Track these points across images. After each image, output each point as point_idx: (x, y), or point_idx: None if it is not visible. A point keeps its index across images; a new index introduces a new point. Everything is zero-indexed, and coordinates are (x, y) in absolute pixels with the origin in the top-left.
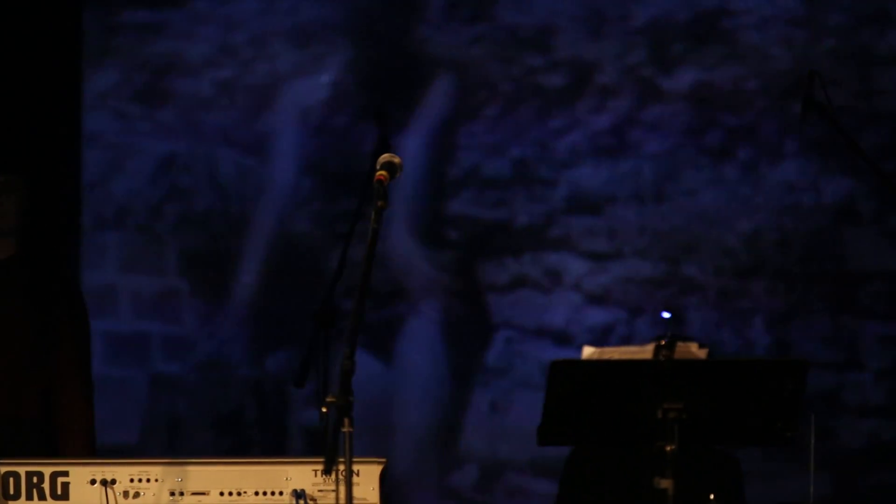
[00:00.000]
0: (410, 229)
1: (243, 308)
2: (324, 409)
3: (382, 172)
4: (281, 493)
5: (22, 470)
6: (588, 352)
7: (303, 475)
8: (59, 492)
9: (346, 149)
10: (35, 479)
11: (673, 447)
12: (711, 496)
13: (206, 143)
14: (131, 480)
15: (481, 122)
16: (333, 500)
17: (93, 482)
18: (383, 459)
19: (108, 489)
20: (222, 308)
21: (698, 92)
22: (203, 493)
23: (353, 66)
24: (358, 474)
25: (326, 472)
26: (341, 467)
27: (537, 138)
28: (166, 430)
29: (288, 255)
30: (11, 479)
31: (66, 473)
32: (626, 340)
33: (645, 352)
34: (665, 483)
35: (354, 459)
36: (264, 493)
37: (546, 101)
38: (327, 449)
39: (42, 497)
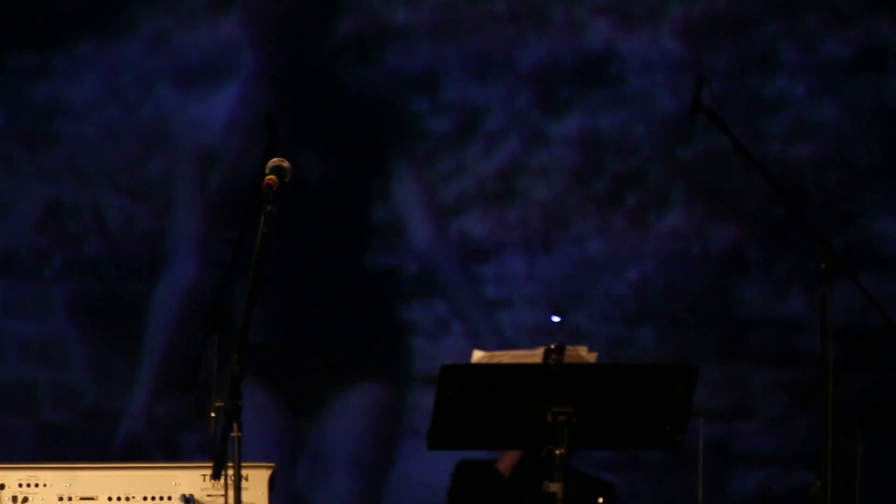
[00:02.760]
0: None
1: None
2: (213, 415)
3: (272, 177)
4: (170, 498)
5: None
6: (478, 356)
7: (191, 480)
8: None
9: (238, 183)
10: None
11: (563, 451)
12: (600, 500)
13: (92, 187)
14: (20, 485)
15: None
16: None
17: None
18: (272, 464)
19: None
20: (111, 355)
21: (585, 137)
22: (92, 499)
23: (242, 107)
24: (247, 479)
25: (215, 476)
26: (230, 472)
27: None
28: None
29: (185, 303)
30: None
31: None
32: None
33: (535, 355)
34: (555, 487)
35: (243, 464)
36: (153, 498)
37: (434, 146)
38: (216, 453)
39: None
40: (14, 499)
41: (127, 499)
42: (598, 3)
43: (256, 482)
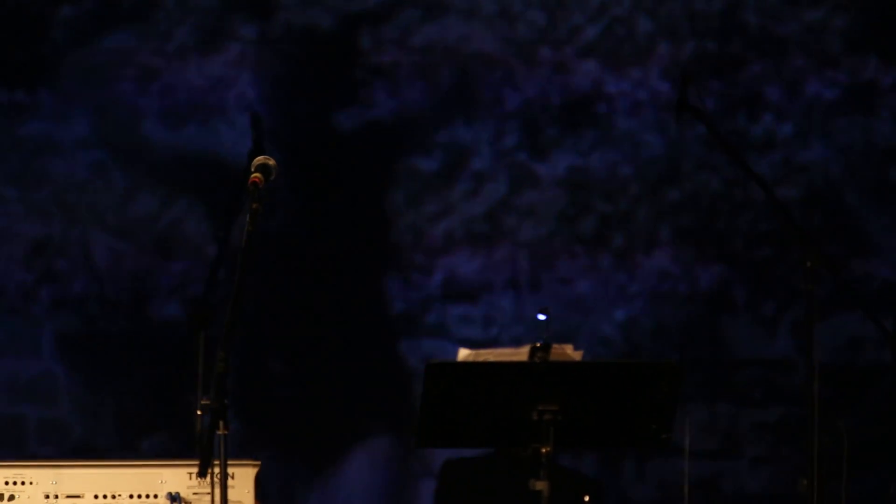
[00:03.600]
0: None
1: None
2: (199, 412)
3: (257, 175)
4: (156, 496)
5: None
6: (464, 354)
7: (178, 478)
8: None
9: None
10: None
11: (548, 449)
12: (586, 498)
13: (80, 225)
14: (6, 483)
15: None
16: (209, 503)
17: None
18: (258, 462)
19: None
20: (98, 391)
21: (573, 177)
22: (78, 496)
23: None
24: (233, 477)
25: (201, 474)
26: (216, 470)
27: (412, 224)
28: None
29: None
30: None
31: None
32: None
33: (520, 354)
34: (540, 485)
35: (229, 462)
36: (139, 496)
37: (422, 186)
38: (202, 451)
39: None
40: (0, 497)
41: (113, 497)
42: (585, 43)
43: (243, 480)
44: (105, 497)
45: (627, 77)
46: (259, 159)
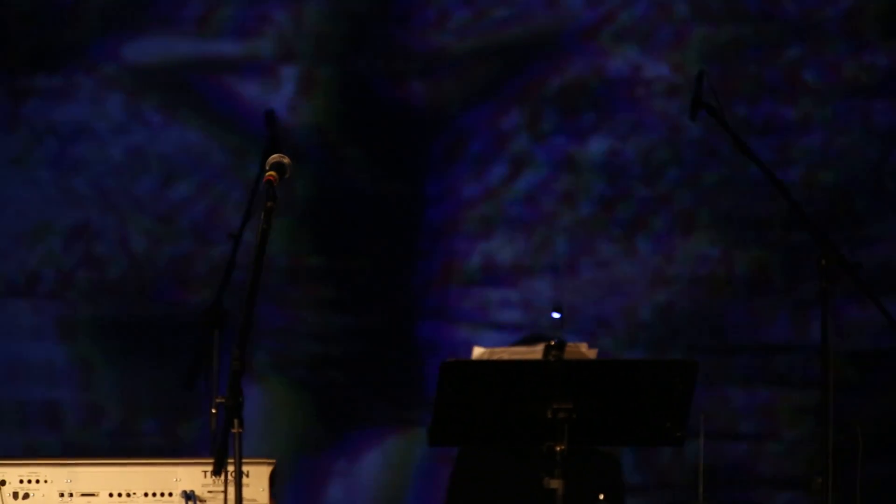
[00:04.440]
0: None
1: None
2: (213, 411)
3: (272, 173)
4: (171, 494)
5: None
6: (478, 352)
7: (192, 476)
8: None
9: None
10: None
11: (563, 447)
12: (601, 496)
13: (117, 211)
14: (21, 481)
15: None
16: (223, 501)
17: None
18: (273, 460)
19: None
20: (134, 377)
21: (611, 161)
22: (93, 495)
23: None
24: (248, 475)
25: (216, 472)
26: (231, 468)
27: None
28: None
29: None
30: None
31: None
32: None
33: (535, 352)
34: (555, 483)
35: (244, 460)
36: (154, 495)
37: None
38: (217, 450)
39: None
40: (15, 495)
41: (128, 495)
42: (621, 28)
43: (257, 478)
44: (120, 495)
45: (664, 62)
46: (274, 157)
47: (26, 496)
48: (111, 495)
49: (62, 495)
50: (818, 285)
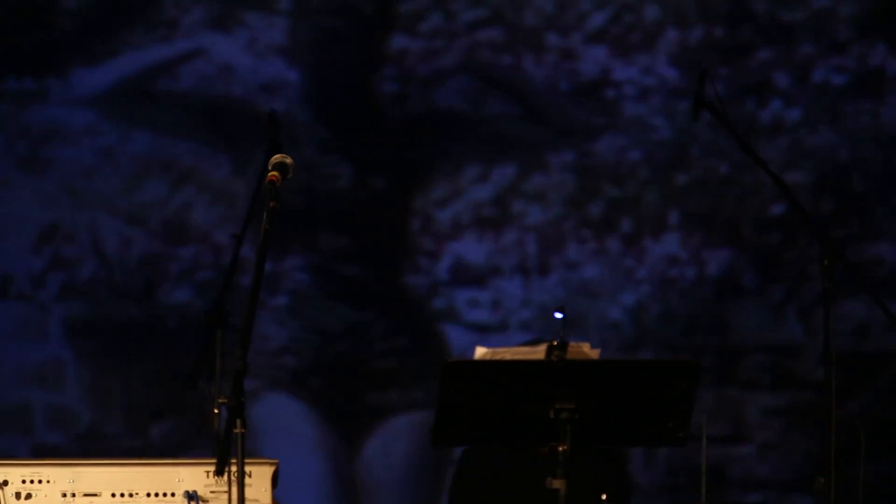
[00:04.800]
0: None
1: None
2: (216, 411)
3: (274, 173)
4: (173, 494)
5: None
6: (480, 352)
7: (195, 476)
8: None
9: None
10: None
11: (565, 447)
12: (604, 496)
13: (88, 211)
14: (23, 482)
15: None
16: (226, 501)
17: None
18: (275, 461)
19: (0, 491)
20: (106, 378)
21: (581, 162)
22: (95, 495)
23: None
24: (250, 475)
25: (219, 472)
26: (233, 468)
27: (419, 208)
28: None
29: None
30: None
31: None
32: None
33: (537, 352)
34: (557, 483)
35: (246, 460)
36: (156, 495)
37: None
38: (219, 450)
39: None
40: (18, 495)
41: (130, 495)
42: (593, 30)
43: (260, 478)
44: (122, 495)
45: (635, 63)
46: (276, 158)
47: (29, 496)
48: (113, 495)
49: (65, 495)
50: (822, 286)
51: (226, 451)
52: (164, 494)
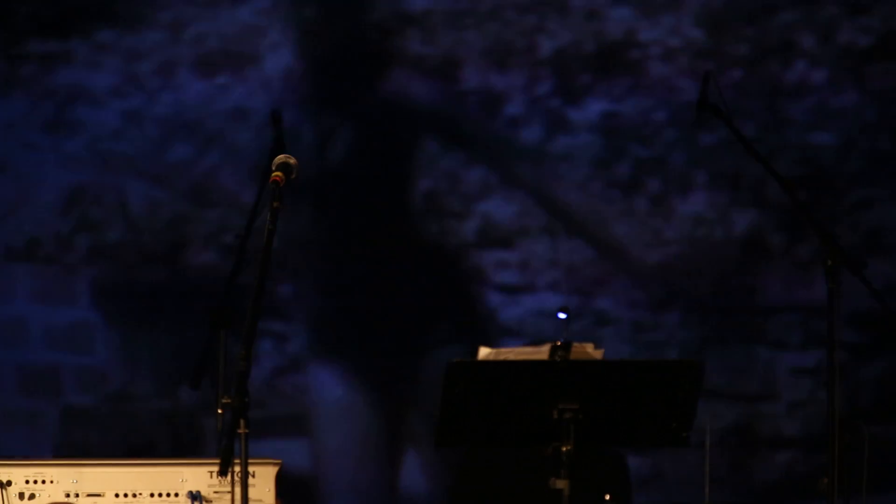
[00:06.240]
0: None
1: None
2: (220, 411)
3: (278, 173)
4: (177, 495)
5: None
6: (484, 352)
7: (198, 476)
8: None
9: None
10: None
11: (569, 447)
12: (607, 496)
13: (114, 174)
14: (27, 482)
15: None
16: (229, 502)
17: None
18: (279, 461)
19: (3, 491)
20: (135, 339)
21: (606, 123)
22: (98, 495)
23: (258, 95)
24: (254, 475)
25: (222, 473)
26: (237, 468)
27: (446, 170)
28: None
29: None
30: None
31: None
32: None
33: (541, 352)
34: (561, 483)
35: (250, 461)
36: (160, 495)
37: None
38: (223, 450)
39: None
40: (21, 495)
41: (134, 495)
42: None
43: (263, 479)
44: (126, 496)
45: (660, 24)
46: (280, 158)
47: (32, 496)
48: (117, 495)
49: (68, 495)
50: (826, 286)
51: (229, 452)
52: (168, 495)
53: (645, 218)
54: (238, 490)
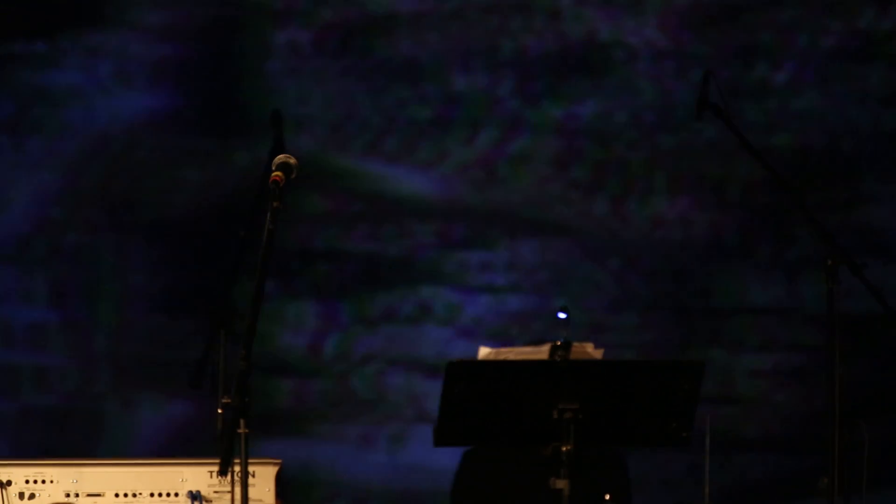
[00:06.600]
0: None
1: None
2: (220, 411)
3: (278, 173)
4: (176, 495)
5: None
6: (484, 352)
7: (198, 476)
8: None
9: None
10: None
11: (569, 447)
12: (607, 496)
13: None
14: (27, 482)
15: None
16: (229, 501)
17: None
18: (279, 461)
19: (4, 491)
20: (92, 340)
21: (567, 125)
22: (98, 495)
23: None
24: (254, 475)
25: (222, 473)
26: (237, 468)
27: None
28: None
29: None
30: None
31: None
32: None
33: (541, 352)
34: (561, 483)
35: (250, 461)
36: (160, 495)
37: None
38: (223, 450)
39: None
40: (21, 495)
41: (134, 495)
42: None
43: (263, 479)
44: (126, 495)
45: (622, 26)
46: (280, 158)
47: (32, 496)
48: (117, 495)
49: (68, 495)
50: (825, 286)
51: (229, 451)
52: (168, 494)
53: (603, 220)
54: (238, 490)
